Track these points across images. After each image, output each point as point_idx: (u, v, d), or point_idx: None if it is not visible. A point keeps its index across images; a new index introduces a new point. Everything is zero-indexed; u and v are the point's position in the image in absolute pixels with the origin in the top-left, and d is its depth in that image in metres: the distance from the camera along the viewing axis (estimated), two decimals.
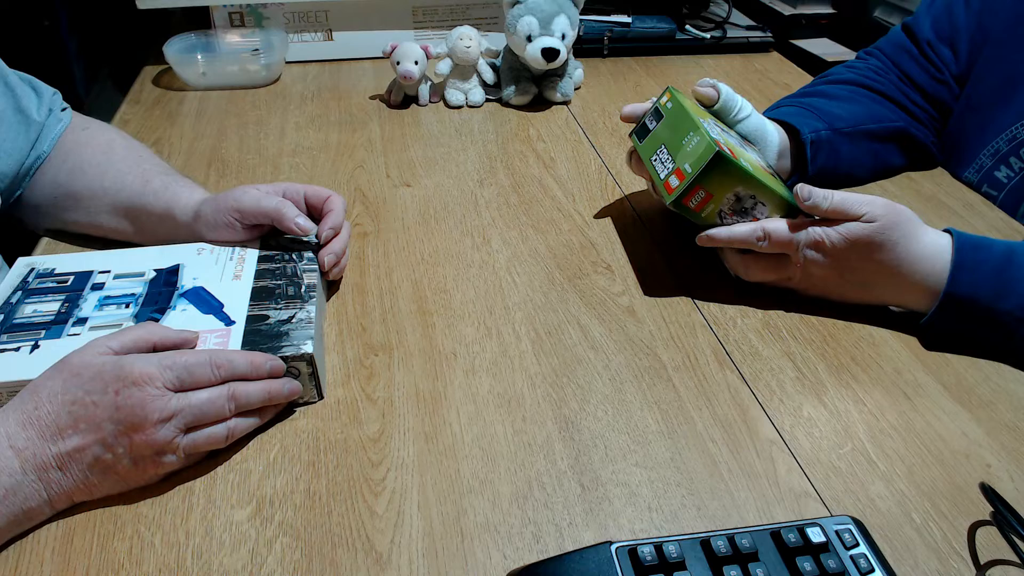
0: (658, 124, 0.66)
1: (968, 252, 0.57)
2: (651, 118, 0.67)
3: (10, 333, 0.50)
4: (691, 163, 0.59)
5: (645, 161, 0.66)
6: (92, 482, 0.44)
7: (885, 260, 0.58)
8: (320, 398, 0.53)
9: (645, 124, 0.68)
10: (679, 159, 0.61)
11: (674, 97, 0.66)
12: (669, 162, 0.62)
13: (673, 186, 0.60)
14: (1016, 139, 0.76)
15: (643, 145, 0.67)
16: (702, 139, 0.59)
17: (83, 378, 0.44)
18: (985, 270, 0.56)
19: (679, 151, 0.61)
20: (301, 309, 0.54)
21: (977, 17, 0.81)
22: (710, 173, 0.58)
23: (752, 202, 0.60)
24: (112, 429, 0.43)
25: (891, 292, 0.60)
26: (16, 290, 0.55)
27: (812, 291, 0.63)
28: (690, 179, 0.59)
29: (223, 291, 0.55)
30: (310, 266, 0.59)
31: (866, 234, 0.57)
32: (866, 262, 0.58)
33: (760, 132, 0.71)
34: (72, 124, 0.69)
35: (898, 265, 0.58)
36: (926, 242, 0.58)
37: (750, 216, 0.61)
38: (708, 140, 0.59)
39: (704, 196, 0.60)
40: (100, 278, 0.56)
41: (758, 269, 0.63)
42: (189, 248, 0.59)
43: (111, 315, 0.52)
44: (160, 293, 0.55)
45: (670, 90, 0.67)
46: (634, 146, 0.69)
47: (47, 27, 1.37)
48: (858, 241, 0.57)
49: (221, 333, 0.51)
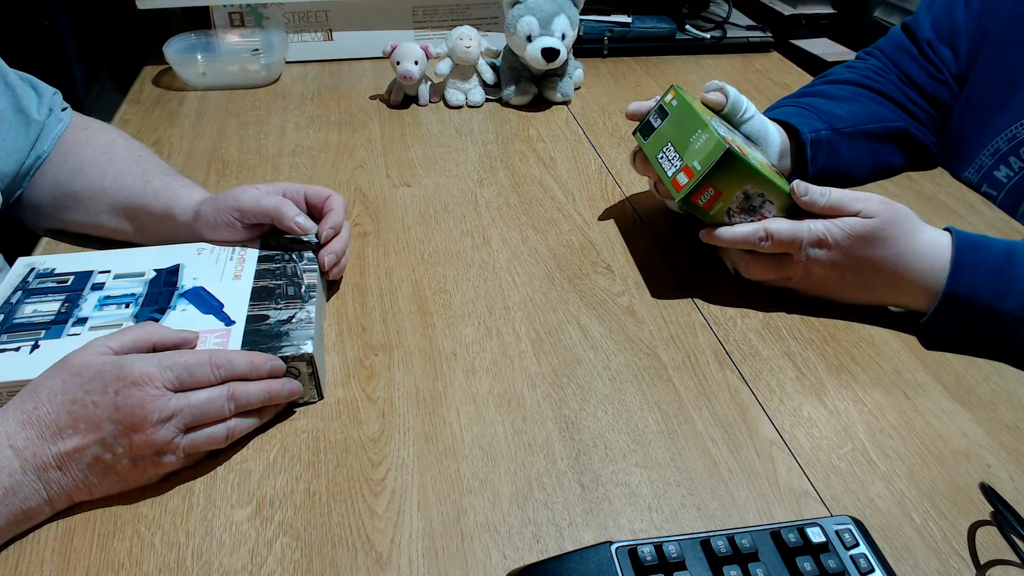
0: (663, 122, 0.66)
1: (968, 251, 0.57)
2: (655, 116, 0.67)
3: (10, 333, 0.50)
4: (700, 160, 0.59)
5: (651, 159, 0.66)
6: (92, 482, 0.44)
7: (886, 257, 0.58)
8: (320, 398, 0.53)
9: (649, 122, 0.68)
10: (687, 156, 0.61)
11: (679, 95, 0.66)
12: (677, 160, 0.62)
13: (682, 183, 0.60)
14: (1016, 138, 0.76)
15: (648, 143, 0.67)
16: (711, 136, 0.59)
17: (83, 378, 0.44)
18: (985, 269, 0.56)
19: (687, 149, 0.61)
20: (301, 309, 0.54)
21: (977, 17, 0.81)
22: (720, 170, 0.58)
23: (760, 200, 0.60)
24: (112, 429, 0.43)
25: (891, 291, 0.60)
26: (16, 290, 0.55)
27: (812, 291, 0.63)
28: (699, 176, 0.59)
29: (223, 291, 0.55)
30: (310, 266, 0.59)
31: (867, 229, 0.57)
32: (867, 259, 0.58)
33: (762, 132, 0.71)
34: (72, 124, 0.69)
35: (897, 263, 0.58)
36: (925, 240, 0.58)
37: (758, 214, 0.61)
38: (717, 137, 0.59)
39: (713, 194, 0.59)
40: (100, 278, 0.56)
41: (759, 267, 0.62)
42: (189, 248, 0.59)
43: (111, 315, 0.52)
44: (160, 293, 0.55)
45: (674, 88, 0.67)
46: (638, 144, 0.68)
47: (47, 27, 1.37)
48: (860, 236, 0.57)
49: (221, 333, 0.51)
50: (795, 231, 0.59)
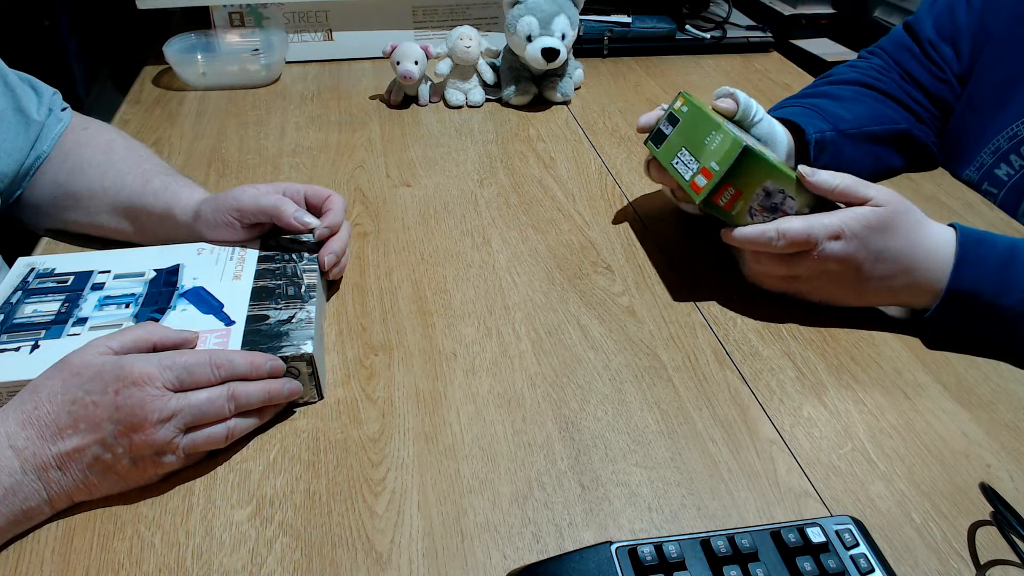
0: (674, 128, 0.66)
1: (971, 247, 0.57)
2: (666, 124, 0.68)
3: (10, 333, 0.50)
4: (718, 160, 0.59)
5: (666, 165, 0.66)
6: (92, 482, 0.44)
7: (900, 247, 0.57)
8: (320, 398, 0.53)
9: (660, 130, 0.68)
10: (704, 158, 0.61)
11: (688, 100, 0.66)
12: (693, 163, 0.62)
13: (701, 185, 0.60)
14: (1017, 136, 0.77)
15: (661, 150, 0.67)
16: (726, 136, 0.60)
17: (83, 378, 0.44)
18: (988, 265, 0.56)
19: (702, 151, 0.61)
20: (301, 309, 0.54)
21: (979, 16, 0.81)
22: (739, 168, 0.58)
23: (781, 197, 0.60)
24: (112, 429, 0.43)
25: (900, 285, 0.59)
26: (16, 290, 0.55)
27: (820, 295, 0.62)
28: (719, 176, 0.59)
29: (223, 291, 0.55)
30: (310, 266, 0.59)
31: (881, 218, 0.57)
32: (882, 250, 0.58)
33: (771, 134, 0.71)
34: (72, 124, 0.69)
35: (909, 254, 0.58)
36: (930, 234, 0.58)
37: (780, 212, 0.60)
38: (733, 136, 0.59)
39: (734, 193, 0.59)
40: (100, 278, 0.56)
41: (771, 262, 0.61)
42: (189, 248, 0.59)
43: (111, 315, 0.52)
44: (160, 293, 0.55)
45: (683, 95, 0.67)
46: (651, 152, 0.68)
47: (47, 27, 1.37)
48: (875, 226, 0.57)
49: (221, 333, 0.51)
50: (809, 227, 0.58)
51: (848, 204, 0.59)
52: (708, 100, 0.69)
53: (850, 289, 0.61)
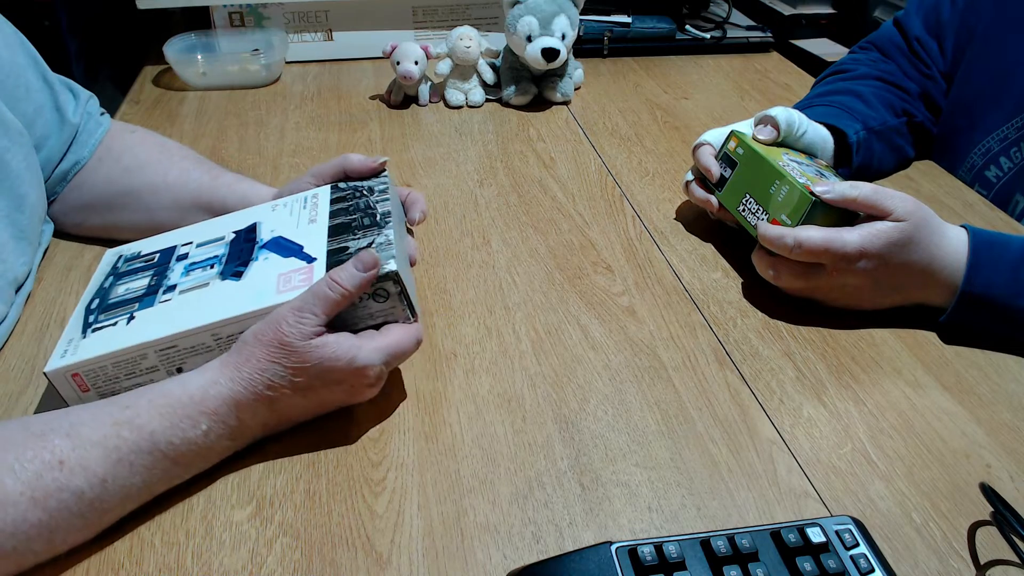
0: (733, 172, 0.67)
1: (984, 250, 0.57)
2: (723, 165, 0.68)
3: (107, 312, 0.51)
4: (788, 214, 0.60)
5: (731, 211, 0.67)
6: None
7: (920, 259, 0.58)
8: (414, 318, 0.52)
9: (721, 175, 0.68)
10: (772, 209, 0.62)
11: (742, 141, 0.67)
12: (761, 213, 0.63)
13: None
14: (1007, 139, 0.77)
15: (724, 194, 0.68)
16: (792, 188, 0.60)
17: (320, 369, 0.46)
18: (1001, 267, 0.57)
19: (769, 201, 0.62)
20: (379, 234, 0.53)
21: (961, 15, 0.82)
22: (810, 220, 0.59)
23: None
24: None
25: (918, 291, 0.60)
26: (108, 276, 0.56)
27: (839, 302, 0.62)
28: (790, 227, 0.60)
29: (301, 235, 0.55)
30: (382, 197, 0.58)
31: (903, 235, 0.57)
32: (902, 264, 0.58)
33: (818, 141, 0.71)
34: (116, 127, 0.70)
35: (929, 263, 0.58)
36: (949, 238, 0.58)
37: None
38: (800, 189, 0.60)
39: None
40: (183, 250, 0.57)
41: (789, 275, 0.61)
42: (263, 207, 0.60)
43: (198, 277, 0.53)
44: (242, 250, 0.55)
45: (736, 134, 0.68)
46: (716, 197, 0.69)
47: (47, 27, 1.37)
48: (897, 243, 0.57)
49: (304, 271, 0.51)
50: (828, 243, 0.57)
51: (868, 214, 0.58)
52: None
53: (867, 298, 0.61)
